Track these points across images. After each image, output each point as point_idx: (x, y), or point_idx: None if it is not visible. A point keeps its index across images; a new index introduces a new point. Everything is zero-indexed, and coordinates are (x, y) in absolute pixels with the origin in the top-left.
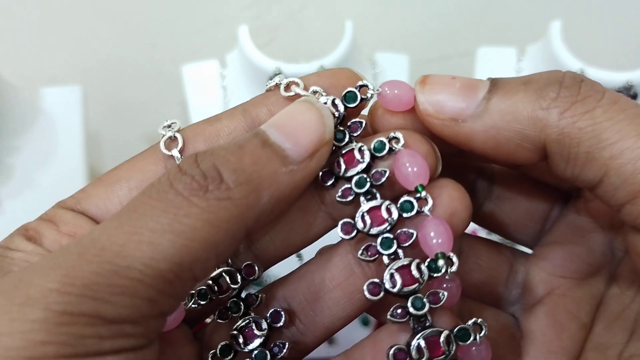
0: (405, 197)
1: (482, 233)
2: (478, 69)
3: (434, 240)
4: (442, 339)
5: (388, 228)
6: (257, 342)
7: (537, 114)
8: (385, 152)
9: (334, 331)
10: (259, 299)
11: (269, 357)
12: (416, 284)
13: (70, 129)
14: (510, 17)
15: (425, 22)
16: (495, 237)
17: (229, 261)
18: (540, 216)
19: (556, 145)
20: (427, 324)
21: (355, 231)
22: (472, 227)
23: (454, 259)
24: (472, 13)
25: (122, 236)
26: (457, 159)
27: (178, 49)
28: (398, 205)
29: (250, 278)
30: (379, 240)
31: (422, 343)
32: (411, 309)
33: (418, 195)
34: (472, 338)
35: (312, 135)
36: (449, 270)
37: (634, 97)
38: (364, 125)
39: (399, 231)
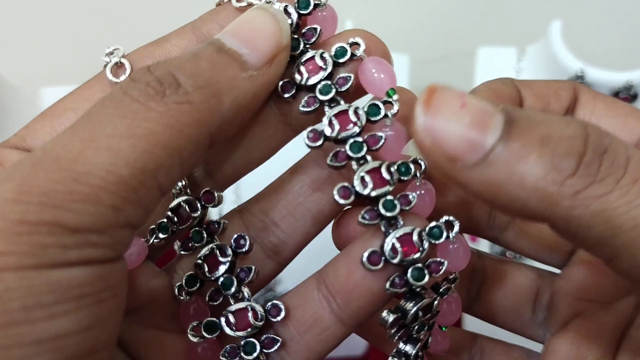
0: (371, 101)
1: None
2: (478, 69)
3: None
4: (414, 237)
5: (357, 131)
6: (222, 268)
7: (548, 187)
8: (347, 58)
9: (314, 235)
10: (221, 225)
11: (235, 283)
12: (387, 187)
13: None
14: (510, 17)
15: (425, 22)
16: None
17: (188, 191)
18: (567, 244)
19: (563, 224)
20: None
21: (322, 138)
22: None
23: (422, 162)
24: (472, 13)
25: (77, 144)
26: None
27: None
28: (365, 109)
29: (210, 205)
30: (348, 144)
31: (396, 242)
32: (382, 210)
33: (385, 99)
34: (445, 235)
35: (269, 39)
36: (418, 174)
37: (634, 97)
38: (318, 32)
39: (367, 135)
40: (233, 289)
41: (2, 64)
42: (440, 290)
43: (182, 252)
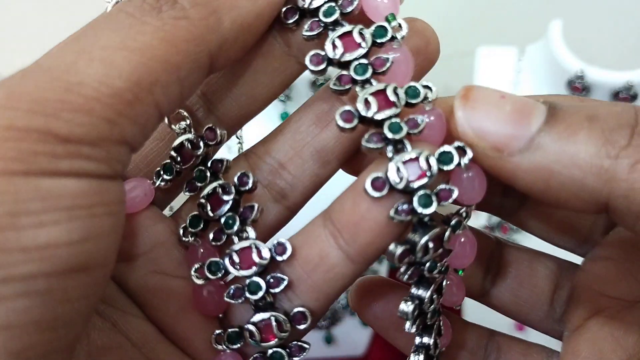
0: (378, 23)
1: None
2: (478, 69)
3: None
4: (421, 161)
5: (362, 53)
6: (225, 207)
7: (603, 162)
8: None
9: (323, 178)
10: (224, 163)
11: (238, 221)
12: (393, 108)
13: None
14: (510, 17)
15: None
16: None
17: (192, 130)
18: (583, 225)
19: (624, 201)
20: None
21: (325, 61)
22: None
23: (432, 86)
24: (472, 13)
25: (70, 56)
26: None
27: None
28: (371, 32)
29: (213, 142)
30: (352, 66)
31: (401, 166)
32: (387, 133)
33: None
34: (456, 162)
35: None
36: (428, 96)
37: (634, 97)
38: None
39: (373, 57)
40: (236, 228)
41: (2, 64)
42: (452, 223)
43: (187, 193)
